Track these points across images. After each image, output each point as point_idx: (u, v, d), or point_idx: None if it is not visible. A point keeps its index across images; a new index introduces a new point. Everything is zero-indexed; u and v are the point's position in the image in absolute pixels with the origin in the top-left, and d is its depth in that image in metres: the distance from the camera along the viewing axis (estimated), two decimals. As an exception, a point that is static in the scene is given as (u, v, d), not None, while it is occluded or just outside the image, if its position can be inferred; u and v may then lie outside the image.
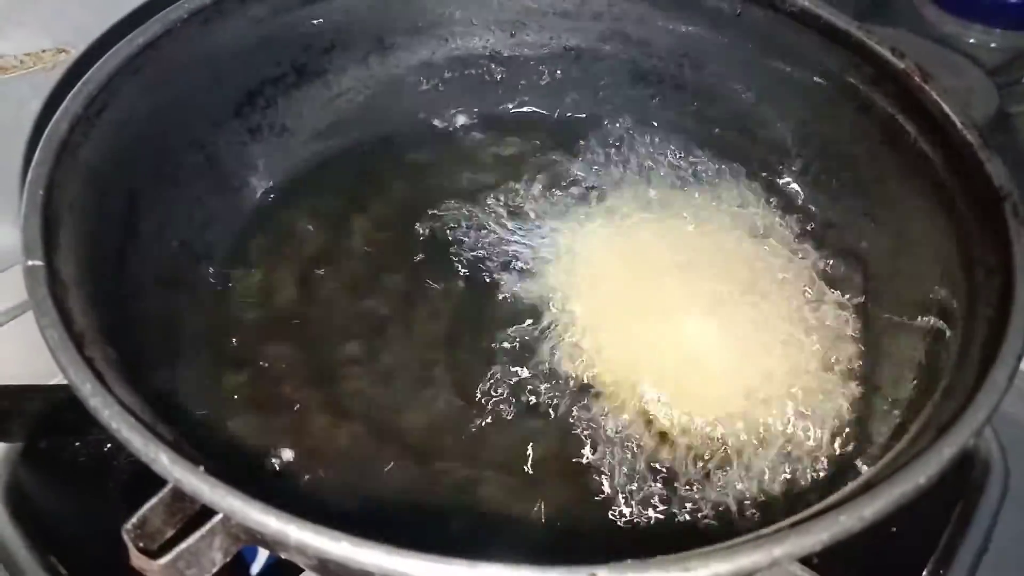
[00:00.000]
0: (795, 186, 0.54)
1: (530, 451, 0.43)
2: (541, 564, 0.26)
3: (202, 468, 0.27)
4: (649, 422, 0.44)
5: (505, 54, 0.58)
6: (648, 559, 0.26)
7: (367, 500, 0.41)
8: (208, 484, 0.27)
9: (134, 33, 0.44)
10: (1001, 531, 0.52)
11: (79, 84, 0.40)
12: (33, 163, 0.36)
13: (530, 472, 0.42)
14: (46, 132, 0.38)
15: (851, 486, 0.30)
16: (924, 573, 0.49)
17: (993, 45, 0.87)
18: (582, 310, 0.48)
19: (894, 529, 0.50)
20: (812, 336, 0.46)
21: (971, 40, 0.87)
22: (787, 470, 0.43)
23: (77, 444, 0.49)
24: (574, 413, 0.44)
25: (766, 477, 0.42)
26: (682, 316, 0.46)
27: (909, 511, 0.49)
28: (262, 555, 0.50)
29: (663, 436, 0.43)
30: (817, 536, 0.27)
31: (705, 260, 0.49)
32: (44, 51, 0.57)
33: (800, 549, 0.27)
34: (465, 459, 0.42)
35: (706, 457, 0.43)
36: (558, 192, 0.54)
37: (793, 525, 0.27)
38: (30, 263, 0.33)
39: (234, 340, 0.46)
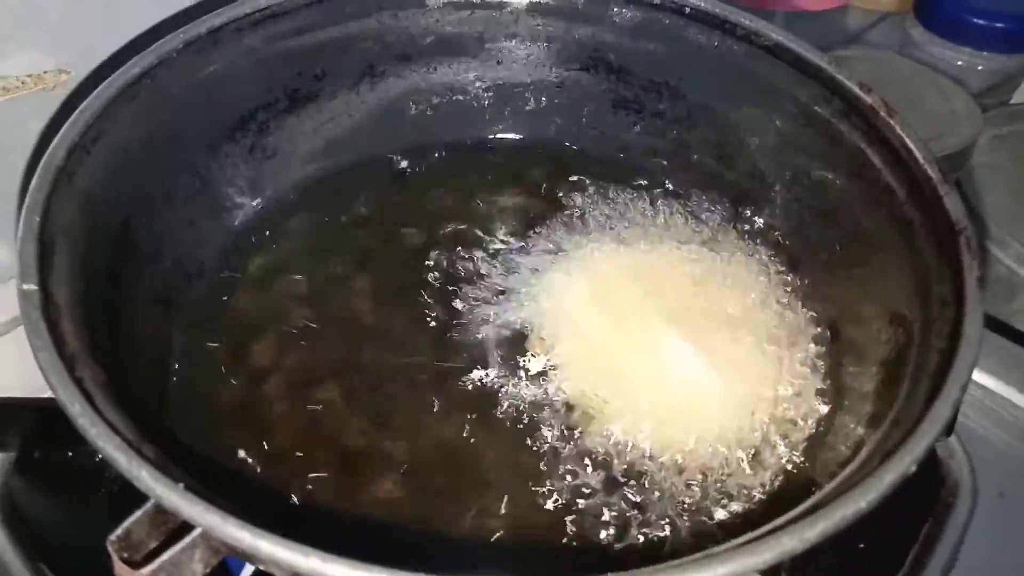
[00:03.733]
0: (767, 214, 0.55)
1: (503, 475, 0.44)
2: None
3: (182, 485, 0.29)
4: (622, 446, 0.45)
5: (492, 81, 0.60)
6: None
7: (354, 518, 0.42)
8: (187, 500, 0.29)
9: (130, 63, 0.45)
10: (968, 549, 0.53)
11: (76, 112, 0.42)
12: (30, 190, 0.38)
13: (502, 495, 0.43)
14: (43, 159, 0.39)
15: (798, 509, 0.31)
16: (890, 589, 0.50)
17: (981, 67, 0.88)
18: (558, 341, 0.49)
19: (862, 545, 0.51)
20: (781, 363, 0.48)
21: (959, 63, 0.88)
22: (755, 492, 0.44)
23: (70, 455, 0.51)
24: (547, 437, 0.45)
25: (736, 499, 0.44)
26: (654, 346, 0.47)
27: (877, 528, 0.51)
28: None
29: (636, 460, 0.45)
30: (760, 556, 0.28)
31: (678, 289, 0.50)
32: (46, 72, 0.59)
33: (742, 568, 0.28)
34: (447, 482, 0.44)
35: (677, 479, 0.44)
36: (540, 218, 0.56)
37: (738, 546, 0.29)
38: (25, 287, 0.34)
39: (225, 358, 0.48)
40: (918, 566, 0.51)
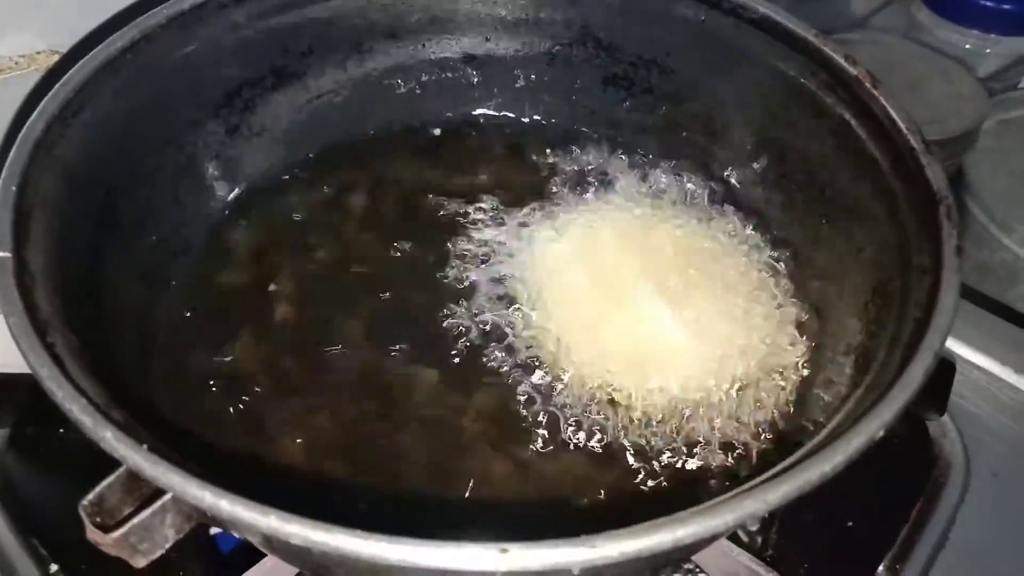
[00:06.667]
0: (755, 187, 0.55)
1: (492, 432, 0.45)
2: (457, 540, 0.27)
3: (146, 446, 0.29)
4: (609, 404, 0.45)
5: (480, 58, 0.60)
6: (558, 539, 0.27)
7: (330, 482, 0.43)
8: (149, 461, 0.29)
9: (112, 37, 0.46)
10: (961, 529, 0.52)
11: (57, 86, 0.42)
12: (8, 161, 0.38)
13: (487, 451, 0.44)
14: (22, 131, 0.40)
15: (765, 474, 0.31)
16: (880, 569, 0.49)
17: (988, 51, 0.88)
18: (549, 306, 0.49)
19: (851, 524, 0.51)
20: (762, 331, 0.48)
21: (966, 46, 0.87)
22: (734, 454, 0.45)
23: (62, 431, 0.51)
24: (536, 394, 0.46)
25: (717, 457, 0.44)
26: (634, 305, 0.48)
27: (868, 507, 0.51)
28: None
29: (620, 415, 0.45)
30: (722, 518, 0.28)
31: (666, 261, 0.50)
32: (38, 53, 0.59)
33: (704, 531, 0.28)
34: (434, 439, 0.44)
35: (659, 437, 0.45)
36: (528, 194, 0.56)
37: (700, 509, 0.29)
38: (-1, 254, 0.35)
39: (208, 333, 0.48)
40: (908, 545, 0.50)
